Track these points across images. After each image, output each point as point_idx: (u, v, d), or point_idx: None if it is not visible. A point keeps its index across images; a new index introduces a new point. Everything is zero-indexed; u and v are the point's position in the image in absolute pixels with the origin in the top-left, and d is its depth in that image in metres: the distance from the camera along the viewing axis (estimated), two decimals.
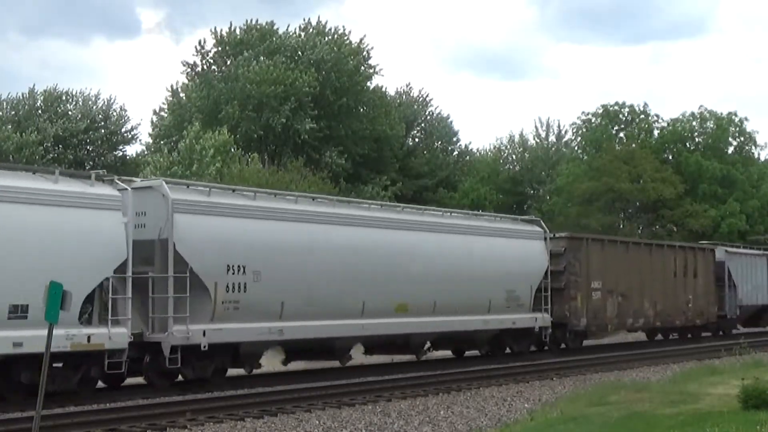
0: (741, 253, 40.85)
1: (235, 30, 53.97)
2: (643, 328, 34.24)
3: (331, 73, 52.03)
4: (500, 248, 26.64)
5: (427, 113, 64.86)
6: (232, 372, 22.21)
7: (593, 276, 29.61)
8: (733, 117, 63.01)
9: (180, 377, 19.27)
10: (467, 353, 28.52)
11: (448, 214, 27.20)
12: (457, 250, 25.17)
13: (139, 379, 19.64)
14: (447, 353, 28.31)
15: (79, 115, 53.99)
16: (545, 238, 28.35)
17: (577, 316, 28.87)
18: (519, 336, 27.44)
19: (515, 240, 27.38)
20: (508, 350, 27.81)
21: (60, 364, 16.59)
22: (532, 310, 27.39)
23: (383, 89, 57.69)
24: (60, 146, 52.33)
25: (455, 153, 66.37)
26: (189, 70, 54.19)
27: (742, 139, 63.86)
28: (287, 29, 55.31)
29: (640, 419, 14.41)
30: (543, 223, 29.30)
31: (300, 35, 54.88)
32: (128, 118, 56.82)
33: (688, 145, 62.70)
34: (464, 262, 25.23)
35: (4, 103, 54.34)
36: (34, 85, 61.82)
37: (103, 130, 54.64)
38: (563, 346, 29.64)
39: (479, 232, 26.38)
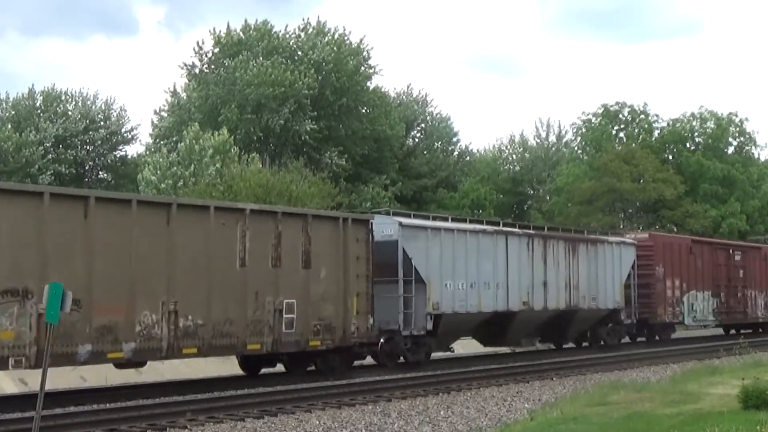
0: (436, 228, 24.68)
1: (233, 30, 53.97)
2: (135, 360, 17.82)
3: (332, 74, 52.04)
4: None
5: (427, 113, 64.89)
6: (232, 372, 22.26)
7: None
8: (733, 117, 63.08)
9: None
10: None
11: None
12: None
13: (139, 379, 19.65)
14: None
15: (79, 115, 54.04)
16: None
17: None
18: None
19: None
20: None
21: None
22: None
23: (383, 89, 57.76)
24: (60, 146, 52.38)
25: (455, 153, 66.38)
26: (187, 72, 54.20)
27: (742, 139, 63.91)
28: (285, 28, 55.38)
29: (640, 419, 14.40)
30: None
31: (300, 35, 54.93)
32: (128, 118, 57.01)
33: (688, 145, 62.74)
34: None
35: (3, 103, 54.40)
36: (33, 85, 61.93)
37: (102, 131, 54.69)
38: None
39: None
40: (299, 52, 53.49)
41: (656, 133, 63.97)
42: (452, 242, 24.71)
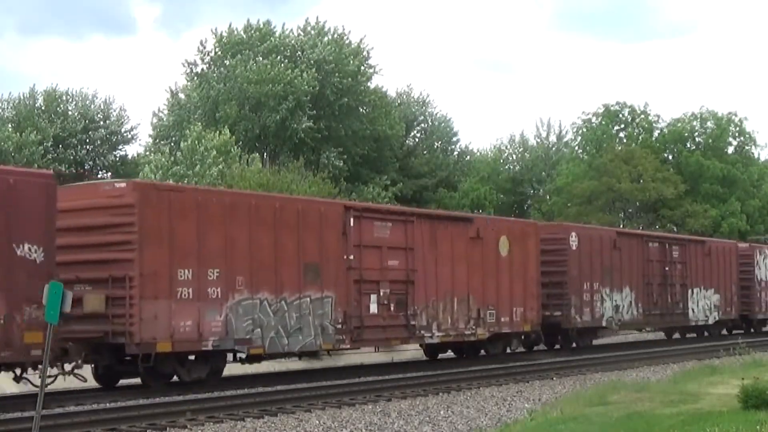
0: None
1: (235, 30, 53.96)
2: None
3: (333, 74, 52.00)
4: None
5: (427, 113, 64.88)
6: (232, 372, 22.23)
7: None
8: (733, 117, 63.11)
9: None
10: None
11: None
12: None
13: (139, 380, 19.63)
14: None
15: (78, 115, 54.04)
16: None
17: None
18: None
19: None
20: None
21: None
22: None
23: (383, 89, 57.73)
24: (60, 146, 52.37)
25: (455, 153, 66.37)
26: (189, 70, 54.19)
27: (742, 138, 63.94)
28: (283, 27, 55.34)
29: (640, 419, 14.40)
30: None
31: (300, 34, 54.93)
32: (127, 117, 56.99)
33: (688, 145, 62.75)
34: None
35: (4, 103, 54.44)
36: (34, 85, 61.98)
37: (102, 130, 54.70)
38: None
39: None
40: (299, 52, 53.49)
41: (656, 133, 63.99)
42: None
